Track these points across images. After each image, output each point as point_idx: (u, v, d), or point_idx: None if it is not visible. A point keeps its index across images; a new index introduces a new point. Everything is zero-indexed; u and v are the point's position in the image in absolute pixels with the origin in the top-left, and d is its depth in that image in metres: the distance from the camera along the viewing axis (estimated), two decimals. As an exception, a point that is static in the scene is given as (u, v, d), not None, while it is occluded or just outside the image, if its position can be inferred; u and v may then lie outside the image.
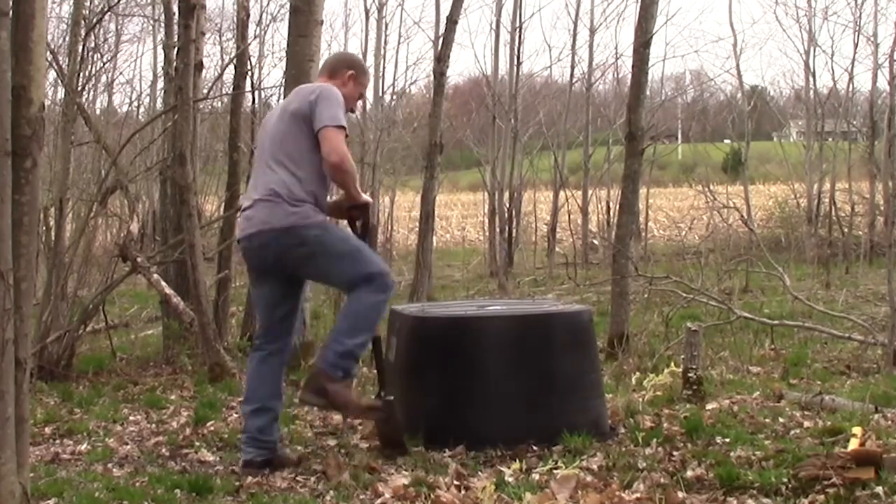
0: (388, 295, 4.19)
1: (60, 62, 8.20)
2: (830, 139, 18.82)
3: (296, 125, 4.16)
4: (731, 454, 4.11)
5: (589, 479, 3.85)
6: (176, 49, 7.04)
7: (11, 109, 2.80)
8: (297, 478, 4.00)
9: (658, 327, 7.84)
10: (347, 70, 4.39)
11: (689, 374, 5.36)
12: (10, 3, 2.81)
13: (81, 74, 7.85)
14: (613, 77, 20.60)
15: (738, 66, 18.55)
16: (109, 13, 9.94)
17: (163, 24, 9.93)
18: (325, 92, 4.18)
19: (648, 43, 7.49)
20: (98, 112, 15.92)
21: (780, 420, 4.82)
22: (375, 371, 4.59)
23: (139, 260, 6.78)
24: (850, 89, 18.43)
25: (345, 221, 4.54)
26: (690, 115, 24.44)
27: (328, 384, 4.07)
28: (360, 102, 4.63)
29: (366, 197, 4.43)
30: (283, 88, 7.46)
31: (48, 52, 6.62)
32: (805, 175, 18.22)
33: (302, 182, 4.13)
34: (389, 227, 18.27)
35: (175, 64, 7.00)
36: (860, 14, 18.13)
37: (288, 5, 6.96)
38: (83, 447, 4.59)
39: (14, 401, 2.81)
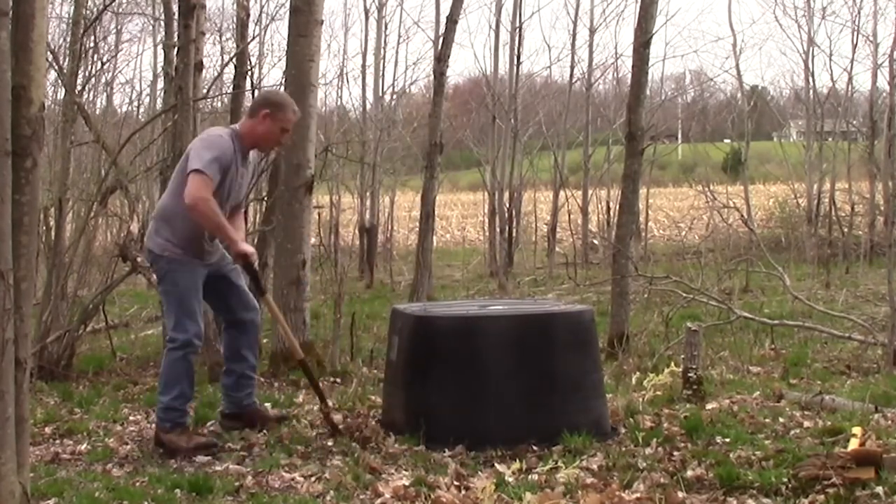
0: (179, 354, 4.63)
1: (60, 62, 8.20)
2: (830, 139, 18.82)
3: (183, 164, 4.67)
4: (731, 454, 4.11)
5: (589, 479, 3.85)
6: (176, 49, 7.03)
7: (11, 109, 2.80)
8: (297, 478, 4.00)
9: (658, 327, 7.85)
10: (261, 109, 4.71)
11: (689, 374, 5.36)
12: (10, 3, 2.81)
13: (81, 74, 7.85)
14: (613, 77, 20.62)
15: (737, 65, 18.56)
16: (109, 13, 9.94)
17: (163, 24, 9.93)
18: (201, 140, 4.73)
19: (648, 43, 7.50)
20: (98, 112, 15.92)
21: (780, 420, 4.82)
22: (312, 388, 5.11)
23: (139, 260, 6.77)
24: (850, 89, 18.46)
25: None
26: (690, 115, 24.45)
27: (162, 436, 4.62)
28: (287, 135, 4.88)
29: (243, 246, 4.71)
30: (282, 88, 7.44)
31: (48, 52, 6.62)
32: (805, 175, 18.23)
33: (168, 214, 4.70)
34: (389, 227, 18.27)
35: (175, 64, 6.99)
36: (859, 14, 18.13)
37: (288, 5, 6.95)
38: (83, 447, 4.59)
39: (14, 401, 2.81)
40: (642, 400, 5.30)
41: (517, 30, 16.71)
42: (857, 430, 4.24)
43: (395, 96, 19.51)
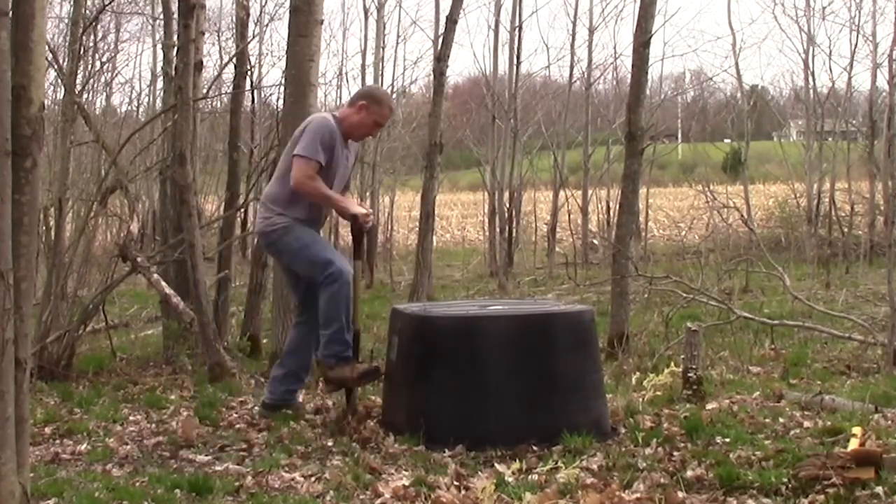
0: (335, 286, 4.89)
1: (60, 62, 8.20)
2: (830, 139, 18.81)
3: (290, 148, 5.09)
4: (731, 454, 4.11)
5: (589, 479, 3.85)
6: (175, 49, 7.03)
7: (11, 109, 2.80)
8: (297, 478, 4.00)
9: (658, 327, 7.84)
10: (360, 100, 5.13)
11: (689, 374, 5.36)
12: (10, 3, 2.81)
13: (81, 74, 7.85)
14: (613, 77, 20.61)
15: (737, 65, 18.52)
16: (109, 12, 9.93)
17: (162, 23, 9.93)
18: (310, 124, 5.07)
19: (648, 42, 7.49)
20: (98, 112, 15.92)
21: (780, 420, 4.82)
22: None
23: (139, 260, 6.78)
24: (849, 89, 18.45)
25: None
26: (690, 115, 24.46)
27: (327, 372, 4.96)
28: (378, 129, 5.32)
29: (355, 209, 5.10)
30: (282, 88, 7.44)
31: (48, 52, 6.62)
32: (805, 175, 18.22)
33: (277, 196, 5.08)
34: (389, 227, 18.27)
35: (175, 64, 6.99)
36: (858, 13, 18.13)
37: (288, 4, 6.95)
38: (83, 447, 4.59)
39: (14, 401, 2.81)
40: (642, 400, 5.30)
41: (516, 29, 16.70)
42: (857, 430, 4.24)
43: (394, 96, 19.51)
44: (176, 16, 7.26)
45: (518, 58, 16.75)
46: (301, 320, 5.27)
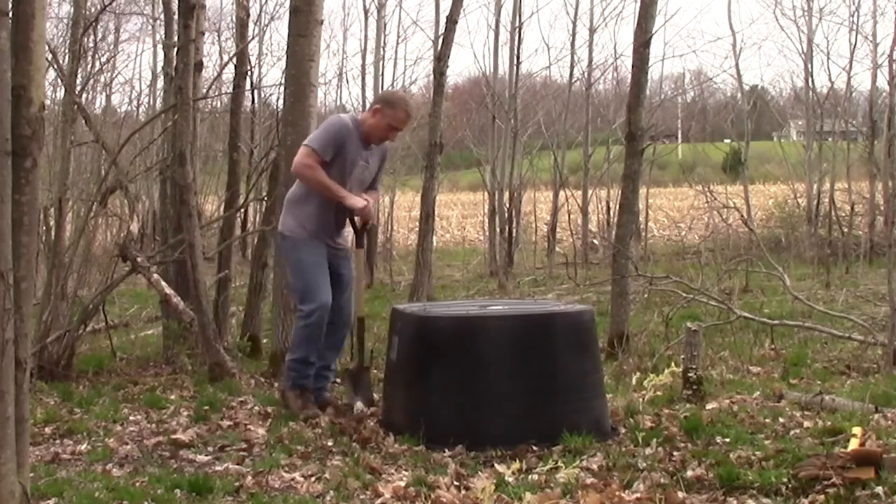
0: (302, 323, 5.20)
1: (60, 62, 8.20)
2: (830, 139, 18.81)
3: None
4: (731, 454, 4.11)
5: (589, 479, 3.85)
6: (175, 49, 7.03)
7: (11, 109, 2.80)
8: (297, 478, 4.00)
9: (658, 327, 7.84)
10: (375, 104, 5.31)
11: (689, 374, 5.36)
12: (10, 3, 2.81)
13: (81, 74, 7.85)
14: (613, 77, 20.62)
15: (737, 65, 18.55)
16: (108, 12, 9.93)
17: (162, 23, 9.93)
18: (325, 122, 5.39)
19: (648, 43, 7.49)
20: (98, 112, 15.92)
21: (780, 420, 4.82)
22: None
23: (139, 260, 6.77)
24: (849, 89, 18.45)
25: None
26: (690, 115, 24.46)
27: (285, 391, 5.34)
28: (394, 132, 5.40)
29: (351, 201, 5.20)
30: (282, 88, 7.44)
31: (48, 52, 6.61)
32: (805, 175, 18.22)
33: (292, 195, 5.38)
34: (389, 227, 18.27)
35: (175, 64, 6.99)
36: (857, 13, 18.12)
37: (287, 4, 6.95)
38: (83, 447, 4.59)
39: (14, 401, 2.81)
40: (642, 400, 5.30)
41: (517, 30, 16.70)
42: (857, 430, 4.24)
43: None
44: (176, 16, 7.26)
45: (518, 58, 16.76)
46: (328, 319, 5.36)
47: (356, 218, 5.32)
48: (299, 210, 5.28)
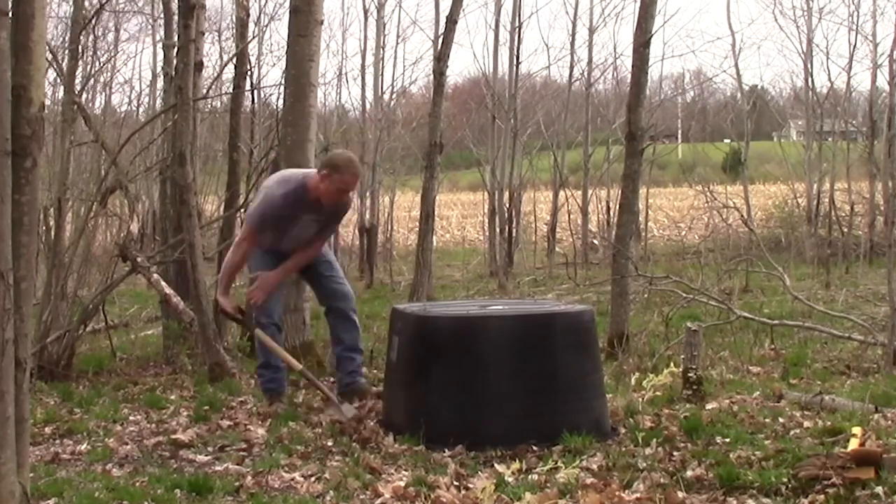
0: (258, 333, 5.48)
1: (60, 62, 8.20)
2: (830, 139, 18.82)
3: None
4: (731, 454, 4.11)
5: (589, 479, 3.85)
6: (176, 49, 7.03)
7: (11, 109, 2.79)
8: (297, 478, 4.00)
9: (658, 327, 7.84)
10: (322, 169, 5.28)
11: (689, 374, 5.35)
12: (10, 3, 2.81)
13: (80, 74, 7.85)
14: (613, 77, 20.62)
15: (736, 65, 18.57)
16: (108, 12, 9.93)
17: (162, 23, 9.93)
18: (261, 193, 5.49)
19: (648, 43, 7.49)
20: (97, 112, 15.92)
21: (780, 420, 4.82)
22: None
23: (139, 260, 6.78)
24: (849, 89, 18.45)
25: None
26: (690, 115, 24.47)
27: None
28: (344, 194, 5.40)
29: (218, 297, 5.64)
30: (282, 88, 7.44)
31: (48, 52, 6.61)
32: (805, 175, 18.22)
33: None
34: (389, 227, 18.27)
35: (175, 64, 6.99)
36: (857, 13, 18.12)
37: (287, 4, 6.95)
38: (83, 447, 4.59)
39: (14, 401, 2.81)
40: (642, 400, 5.30)
41: (516, 29, 16.70)
42: (857, 430, 4.24)
43: (394, 96, 19.51)
44: (176, 16, 7.26)
45: (518, 58, 16.76)
46: (326, 308, 5.66)
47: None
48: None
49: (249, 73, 10.19)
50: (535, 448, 4.35)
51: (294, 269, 5.55)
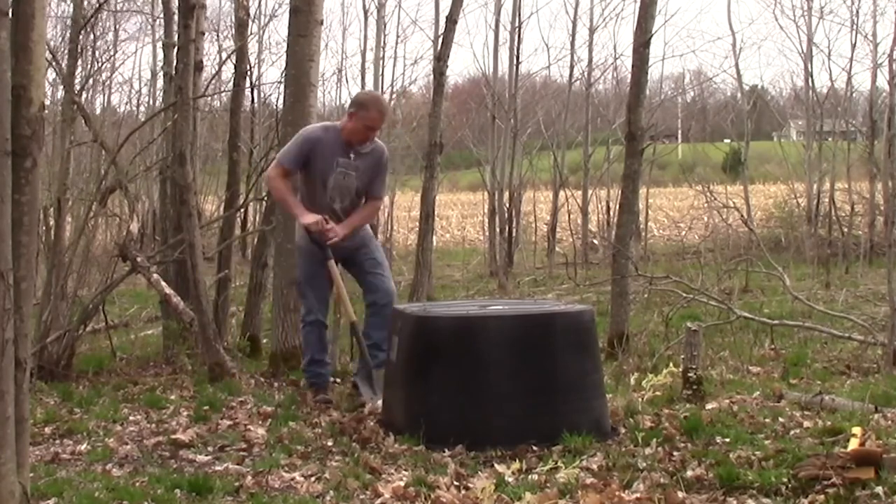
0: (301, 327, 5.71)
1: (60, 62, 8.20)
2: (830, 139, 18.82)
3: None
4: (731, 454, 4.11)
5: (589, 479, 3.85)
6: (175, 49, 7.03)
7: (11, 109, 2.79)
8: (297, 478, 4.00)
9: (658, 327, 7.84)
10: (350, 108, 5.44)
11: (689, 374, 5.35)
12: (10, 3, 2.81)
13: (80, 73, 7.85)
14: (613, 77, 20.62)
15: (737, 65, 18.60)
16: (107, 11, 9.93)
17: (161, 22, 9.93)
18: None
19: (648, 43, 7.49)
20: (97, 111, 15.93)
21: (780, 420, 4.82)
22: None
23: (139, 260, 6.77)
24: (849, 89, 18.46)
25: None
26: (690, 115, 24.48)
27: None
28: (371, 132, 5.48)
29: (303, 218, 5.40)
30: (282, 88, 7.44)
31: (48, 52, 6.61)
32: (805, 175, 18.23)
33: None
34: (389, 227, 18.27)
35: (174, 64, 6.99)
36: (857, 13, 18.14)
37: (287, 4, 6.95)
38: (83, 447, 4.59)
39: (14, 401, 2.81)
40: (642, 400, 5.30)
41: (516, 29, 16.71)
42: (857, 430, 4.24)
43: (394, 96, 19.51)
44: (176, 15, 7.26)
45: (518, 58, 16.77)
46: (365, 302, 5.76)
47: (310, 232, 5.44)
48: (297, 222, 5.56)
49: (249, 72, 10.19)
50: (535, 448, 4.34)
51: (358, 223, 5.59)
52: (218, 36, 17.81)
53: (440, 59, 9.97)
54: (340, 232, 5.41)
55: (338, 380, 6.23)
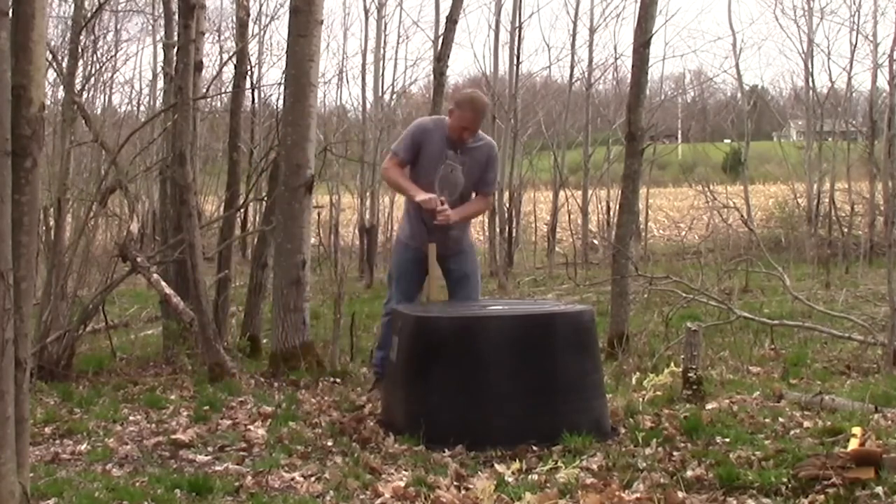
0: (382, 321, 5.74)
1: (60, 62, 8.20)
2: (830, 139, 18.83)
3: None
4: (731, 454, 4.11)
5: (589, 479, 3.85)
6: (176, 49, 7.03)
7: (11, 109, 2.79)
8: (297, 478, 4.00)
9: (658, 327, 7.85)
10: (451, 106, 5.51)
11: (689, 374, 5.35)
12: (10, 3, 2.81)
13: (80, 74, 7.85)
14: (613, 77, 20.63)
15: (737, 65, 18.62)
16: (108, 11, 9.93)
17: (162, 23, 9.92)
18: None
19: (648, 43, 7.49)
20: (98, 111, 15.93)
21: (780, 420, 4.82)
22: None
23: (139, 260, 6.77)
24: (849, 89, 18.47)
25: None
26: (690, 115, 24.49)
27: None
28: (466, 132, 5.44)
29: (418, 196, 5.34)
30: (282, 88, 7.44)
31: (48, 52, 6.61)
32: (805, 175, 18.24)
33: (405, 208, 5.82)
34: (390, 227, 18.28)
35: (175, 64, 6.99)
36: (858, 13, 18.15)
37: (287, 4, 6.95)
38: (83, 447, 4.58)
39: (14, 401, 2.81)
40: (642, 400, 5.30)
41: (517, 29, 16.72)
42: (857, 430, 4.24)
43: (394, 96, 19.52)
44: (176, 15, 7.26)
45: (518, 58, 16.78)
46: None
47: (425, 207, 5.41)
48: (404, 216, 5.72)
49: (249, 72, 10.19)
50: (535, 448, 4.34)
51: (470, 213, 5.67)
52: (219, 36, 17.83)
53: (440, 60, 9.96)
54: (453, 216, 5.38)
55: (338, 380, 6.24)
